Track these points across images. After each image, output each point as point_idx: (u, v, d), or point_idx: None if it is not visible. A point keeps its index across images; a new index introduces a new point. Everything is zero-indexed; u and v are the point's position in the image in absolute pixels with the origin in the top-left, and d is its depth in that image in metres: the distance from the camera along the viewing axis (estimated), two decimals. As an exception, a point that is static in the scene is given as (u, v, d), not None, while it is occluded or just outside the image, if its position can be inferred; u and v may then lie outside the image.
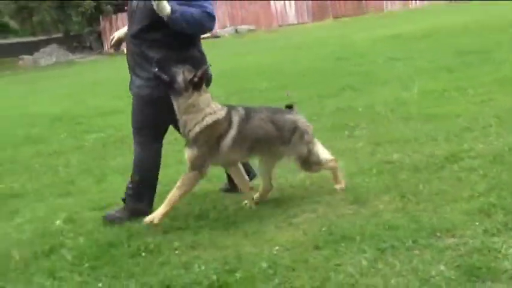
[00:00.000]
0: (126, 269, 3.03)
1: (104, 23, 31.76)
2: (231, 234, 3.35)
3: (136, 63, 3.86)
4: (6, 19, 46.09)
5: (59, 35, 34.83)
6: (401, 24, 19.00)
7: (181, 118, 3.66)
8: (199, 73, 3.58)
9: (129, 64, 3.99)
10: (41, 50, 34.13)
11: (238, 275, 2.77)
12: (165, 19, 3.60)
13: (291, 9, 30.64)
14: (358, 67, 10.67)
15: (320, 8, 30.00)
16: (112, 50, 4.06)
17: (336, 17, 28.96)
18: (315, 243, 3.02)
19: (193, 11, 3.62)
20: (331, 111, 6.87)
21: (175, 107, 3.66)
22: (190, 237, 3.36)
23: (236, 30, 29.48)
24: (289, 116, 3.92)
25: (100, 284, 2.89)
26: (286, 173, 4.37)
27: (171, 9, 3.57)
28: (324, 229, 3.19)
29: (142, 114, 3.88)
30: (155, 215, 3.54)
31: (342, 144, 5.14)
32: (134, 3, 3.87)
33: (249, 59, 15.42)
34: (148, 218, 3.55)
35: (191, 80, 3.58)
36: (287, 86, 9.42)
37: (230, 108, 3.74)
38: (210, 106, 3.66)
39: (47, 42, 34.65)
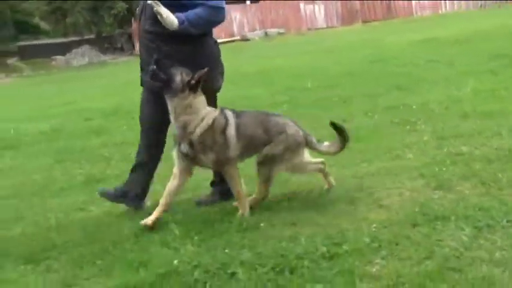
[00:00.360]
0: (234, 241, 3.24)
1: (135, 25, 32.18)
2: (324, 215, 3.54)
3: (150, 57, 3.85)
4: (37, 20, 46.88)
5: (90, 36, 35.32)
6: (432, 28, 19.05)
7: (178, 119, 3.70)
8: (196, 76, 3.64)
9: (141, 58, 4.06)
10: (73, 50, 34.69)
11: (345, 247, 2.97)
12: (177, 30, 3.66)
13: (320, 13, 30.81)
14: (398, 69, 10.80)
15: (349, 12, 30.13)
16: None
17: (365, 21, 29.07)
18: (412, 221, 3.21)
19: (198, 12, 3.66)
20: (385, 108, 7.04)
21: (170, 108, 3.71)
22: (287, 216, 3.57)
23: (266, 33, 29.72)
24: (279, 119, 3.93)
25: (215, 252, 3.10)
26: (363, 162, 4.58)
27: (179, 21, 3.64)
28: (416, 210, 3.37)
29: (152, 104, 3.96)
30: (242, 210, 3.72)
31: (407, 138, 5.31)
32: None
33: (286, 61, 15.61)
34: (240, 213, 3.71)
35: (189, 81, 3.64)
36: (331, 86, 9.62)
37: (222, 108, 3.82)
38: (205, 108, 3.75)
39: (78, 43, 35.18)
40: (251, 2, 31.50)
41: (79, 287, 3.00)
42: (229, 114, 3.79)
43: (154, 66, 3.67)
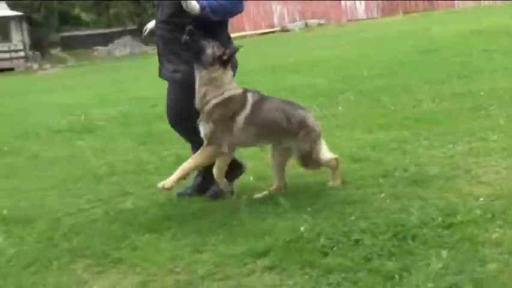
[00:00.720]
0: (348, 212, 3.44)
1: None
2: (428, 190, 3.70)
3: (169, 48, 3.94)
4: (77, 11, 47.63)
5: (132, 27, 35.81)
6: (478, 20, 18.87)
7: (201, 89, 3.74)
8: (228, 51, 3.72)
9: (158, 50, 4.09)
10: (116, 41, 35.24)
11: (459, 218, 3.14)
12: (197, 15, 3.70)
13: (360, 4, 30.74)
14: (452, 58, 10.80)
15: (390, 3, 29.99)
16: (146, 38, 4.36)
17: (405, 12, 28.88)
18: (518, 196, 3.36)
19: (221, 1, 3.72)
20: (452, 95, 7.12)
21: (197, 77, 3.75)
22: (390, 190, 3.76)
23: (306, 24, 29.79)
24: (300, 111, 3.98)
25: (333, 222, 3.31)
26: (448, 143, 4.73)
27: (200, 6, 3.68)
28: (518, 185, 3.53)
29: (181, 95, 3.96)
30: (168, 181, 3.71)
31: (484, 122, 5.41)
32: None
33: (334, 51, 15.69)
34: (161, 183, 3.72)
35: (220, 56, 3.69)
36: (387, 74, 9.71)
37: (246, 90, 3.86)
38: (231, 83, 3.80)
39: (119, 34, 35.70)
40: (291, -7, 31.59)
41: (210, 252, 3.22)
42: (250, 100, 3.80)
43: (187, 36, 3.71)
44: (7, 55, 32.15)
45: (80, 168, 5.52)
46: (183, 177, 3.78)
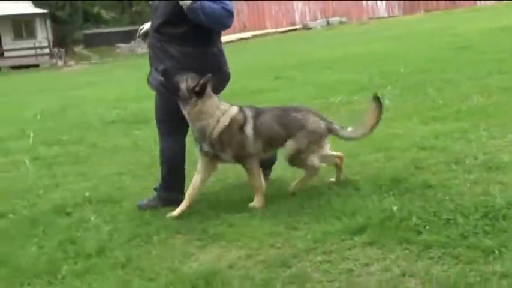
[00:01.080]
0: (430, 195, 3.60)
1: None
2: (501, 175, 3.85)
3: (157, 57, 3.89)
4: (98, 9, 48.04)
5: (154, 25, 36.01)
6: (498, 18, 18.88)
7: (195, 126, 3.77)
8: (201, 81, 3.65)
9: (150, 58, 4.05)
10: (138, 39, 35.51)
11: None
12: (185, 9, 3.66)
13: (381, 2, 30.81)
14: (488, 55, 10.87)
15: (411, 2, 30.03)
16: (141, 40, 4.35)
17: (426, 10, 28.92)
18: None
19: (213, 6, 3.66)
20: (499, 89, 7.21)
21: (186, 114, 3.77)
22: (463, 176, 3.91)
23: (328, 22, 29.94)
24: (296, 115, 3.95)
25: (418, 203, 3.47)
26: (508, 133, 4.86)
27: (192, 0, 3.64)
28: None
29: (165, 107, 3.97)
30: (256, 203, 3.82)
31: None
32: None
33: (364, 48, 15.82)
34: (252, 204, 3.82)
35: (193, 88, 3.66)
36: (425, 70, 9.81)
37: (239, 106, 3.88)
38: (219, 108, 3.77)
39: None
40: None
41: (305, 230, 3.38)
42: (248, 112, 3.85)
43: (162, 78, 3.73)
44: (32, 52, 32.60)
45: (147, 155, 5.72)
46: (263, 193, 3.86)
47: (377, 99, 4.10)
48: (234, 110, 3.84)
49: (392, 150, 4.82)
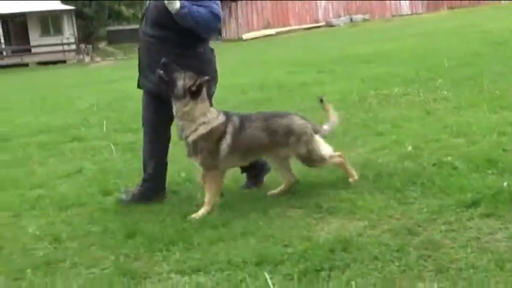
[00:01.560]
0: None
1: (223, 10, 33.02)
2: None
3: (152, 59, 3.91)
4: (119, 6, 48.39)
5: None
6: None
7: (178, 122, 3.81)
8: (198, 82, 3.66)
9: (140, 60, 4.08)
10: None
11: None
12: (174, 14, 3.70)
13: (405, 0, 30.88)
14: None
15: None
16: None
17: (450, 8, 28.94)
18: None
19: (201, 10, 3.70)
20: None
21: (174, 109, 3.80)
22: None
23: (351, 20, 30.06)
24: (283, 120, 3.99)
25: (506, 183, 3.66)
26: None
27: (181, 4, 3.68)
28: None
29: (153, 108, 4.07)
30: (200, 214, 3.78)
31: None
32: (148, 1, 4.03)
33: (397, 44, 15.92)
34: (195, 215, 3.78)
35: (190, 87, 3.68)
36: (469, 64, 9.95)
37: (226, 117, 3.85)
38: (205, 115, 3.77)
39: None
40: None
41: (417, 204, 3.58)
42: (230, 130, 3.83)
43: (161, 71, 3.73)
44: (59, 48, 32.98)
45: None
46: (212, 208, 3.85)
47: (321, 102, 4.31)
48: (219, 120, 3.83)
49: (472, 135, 5.01)
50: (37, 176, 5.57)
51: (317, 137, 4.04)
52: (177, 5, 3.67)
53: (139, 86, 4.22)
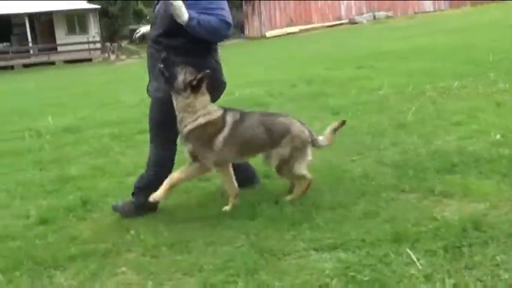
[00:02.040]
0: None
1: (246, 8, 33.12)
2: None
3: (154, 66, 3.86)
4: (140, 6, 48.67)
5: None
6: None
7: (178, 115, 3.80)
8: (199, 76, 3.68)
9: (148, 67, 4.05)
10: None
11: None
12: (184, 25, 3.65)
13: (428, -4, 30.87)
14: None
15: (457, -5, 30.03)
16: (136, 42, 4.34)
17: (473, 4, 28.87)
18: None
19: (210, 18, 3.65)
20: None
21: (174, 103, 3.80)
22: None
23: (374, 17, 30.06)
24: (282, 119, 3.99)
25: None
26: None
27: (189, 16, 3.61)
28: None
29: (159, 115, 3.98)
30: (156, 194, 3.80)
31: None
32: (157, 8, 3.96)
33: (429, 39, 16.00)
34: (152, 197, 3.80)
35: (190, 82, 3.69)
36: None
37: (226, 111, 3.86)
38: (206, 108, 3.79)
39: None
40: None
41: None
42: (229, 121, 3.83)
43: (161, 65, 3.71)
44: (85, 46, 33.26)
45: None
46: (171, 188, 3.84)
47: (343, 122, 4.23)
48: (217, 114, 3.85)
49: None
50: (123, 165, 5.73)
51: (308, 149, 4.00)
52: (185, 17, 3.62)
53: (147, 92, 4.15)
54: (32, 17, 33.50)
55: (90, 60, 32.53)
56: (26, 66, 31.84)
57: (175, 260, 3.35)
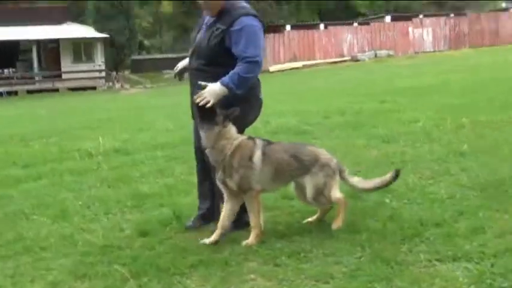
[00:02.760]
0: None
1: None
2: None
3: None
4: (140, 37, 49.28)
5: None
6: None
7: (214, 147, 3.91)
8: (231, 110, 3.85)
9: (191, 94, 4.11)
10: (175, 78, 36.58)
11: None
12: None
13: (428, 36, 31.61)
14: None
15: (457, 36, 30.81)
16: (175, 78, 4.54)
17: (472, 46, 29.70)
18: None
19: (239, 71, 3.84)
20: None
21: (205, 136, 3.91)
22: None
23: (376, 55, 30.71)
24: (310, 148, 4.18)
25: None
26: None
27: (226, 85, 3.82)
28: None
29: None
30: (251, 240, 3.94)
31: None
32: (198, 39, 4.11)
33: (438, 78, 16.22)
34: (246, 242, 3.93)
35: (228, 115, 3.86)
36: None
37: (250, 136, 4.06)
38: (236, 135, 3.97)
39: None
40: (359, 25, 32.58)
41: None
42: (259, 142, 3.99)
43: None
44: (90, 74, 33.48)
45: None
46: (260, 229, 3.97)
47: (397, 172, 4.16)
48: (245, 136, 4.03)
49: None
50: (195, 184, 5.86)
51: (337, 177, 4.09)
52: (222, 89, 3.82)
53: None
54: (40, 43, 33.73)
55: (94, 88, 32.70)
56: (29, 92, 31.93)
57: (301, 268, 3.49)
